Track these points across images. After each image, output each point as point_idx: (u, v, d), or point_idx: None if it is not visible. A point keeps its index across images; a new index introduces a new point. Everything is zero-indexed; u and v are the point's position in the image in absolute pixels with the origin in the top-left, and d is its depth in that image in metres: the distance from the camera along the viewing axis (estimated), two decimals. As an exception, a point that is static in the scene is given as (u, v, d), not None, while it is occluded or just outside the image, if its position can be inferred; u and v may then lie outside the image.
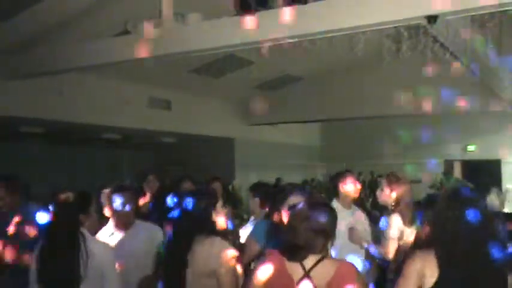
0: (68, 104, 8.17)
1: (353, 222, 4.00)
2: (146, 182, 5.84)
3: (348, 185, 4.04)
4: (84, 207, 3.11)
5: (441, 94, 9.94)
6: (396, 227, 3.73)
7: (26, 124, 9.02)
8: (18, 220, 3.88)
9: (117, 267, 2.97)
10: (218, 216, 2.78)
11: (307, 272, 2.25)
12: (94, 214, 3.21)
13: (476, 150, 13.49)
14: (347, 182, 4.05)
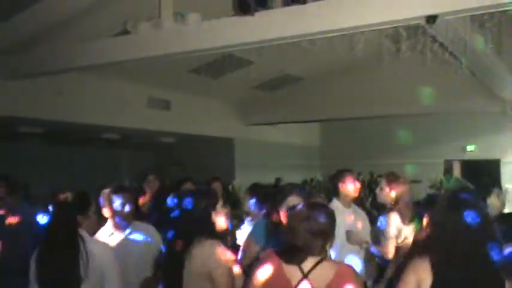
0: (68, 104, 8.16)
1: (354, 220, 4.01)
2: (146, 182, 5.86)
3: (348, 184, 4.06)
4: (82, 208, 3.10)
5: (441, 94, 9.94)
6: (394, 226, 3.74)
7: (26, 124, 9.01)
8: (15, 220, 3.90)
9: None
10: (218, 216, 2.76)
11: (306, 275, 2.24)
12: (92, 215, 3.21)
13: (475, 150, 13.47)
14: (347, 181, 4.06)
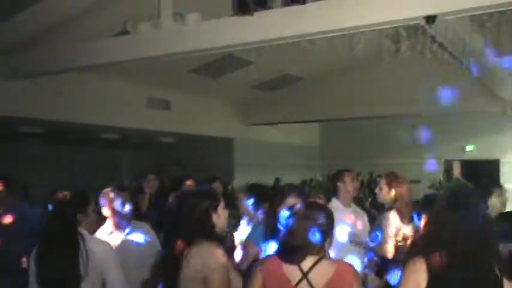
0: (68, 104, 8.17)
1: (353, 220, 4.01)
2: (146, 181, 5.86)
3: (348, 184, 4.06)
4: (82, 206, 3.09)
5: (440, 94, 9.94)
6: (394, 225, 3.75)
7: (26, 124, 9.02)
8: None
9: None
10: (219, 218, 2.70)
11: (305, 274, 2.25)
12: (92, 213, 3.20)
13: (475, 150, 13.47)
14: (346, 181, 4.07)
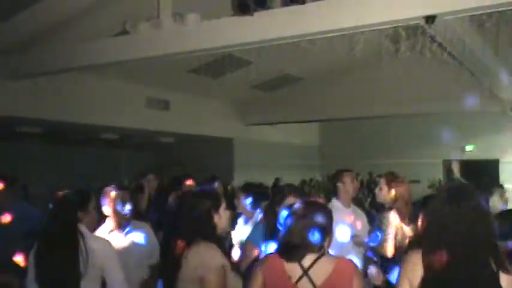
0: (68, 104, 8.18)
1: (353, 220, 4.02)
2: (146, 181, 5.85)
3: (347, 184, 4.07)
4: (82, 203, 3.08)
5: (439, 94, 9.96)
6: (393, 225, 3.75)
7: (25, 124, 9.03)
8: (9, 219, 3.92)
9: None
10: (221, 219, 2.68)
11: (306, 270, 2.26)
12: (93, 211, 3.19)
13: (474, 150, 13.51)
14: (346, 181, 4.07)
